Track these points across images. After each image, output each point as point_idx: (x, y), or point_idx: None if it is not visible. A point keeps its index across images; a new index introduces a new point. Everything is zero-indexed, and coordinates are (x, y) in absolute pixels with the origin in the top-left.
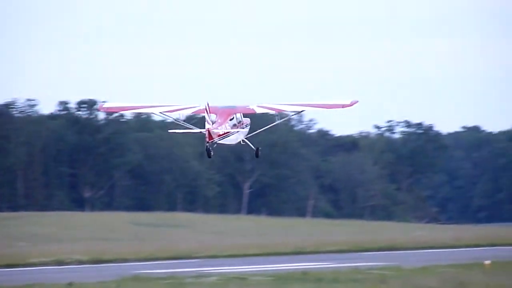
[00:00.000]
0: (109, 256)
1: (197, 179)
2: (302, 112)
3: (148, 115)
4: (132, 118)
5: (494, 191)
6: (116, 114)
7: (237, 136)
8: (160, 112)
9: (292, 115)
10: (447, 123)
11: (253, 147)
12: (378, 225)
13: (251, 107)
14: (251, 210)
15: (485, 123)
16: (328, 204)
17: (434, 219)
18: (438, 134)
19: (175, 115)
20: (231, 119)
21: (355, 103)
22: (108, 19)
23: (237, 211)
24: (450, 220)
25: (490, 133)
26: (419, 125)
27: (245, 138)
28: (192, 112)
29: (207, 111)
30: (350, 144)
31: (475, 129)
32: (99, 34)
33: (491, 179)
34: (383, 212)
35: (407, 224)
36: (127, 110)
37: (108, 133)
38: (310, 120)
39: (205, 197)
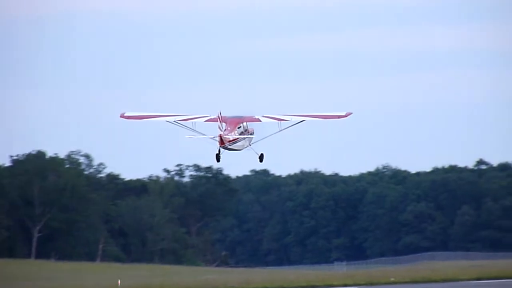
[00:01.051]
0: None
1: None
2: (302, 122)
3: None
4: None
5: (283, 234)
6: None
7: (244, 143)
8: (174, 121)
9: (293, 124)
10: (236, 167)
11: (257, 153)
12: (168, 269)
13: (256, 117)
14: (41, 255)
15: (274, 167)
16: (118, 248)
17: (223, 263)
18: (227, 178)
19: (188, 124)
20: (238, 127)
21: (349, 114)
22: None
23: (27, 255)
24: (240, 263)
25: (279, 176)
26: (208, 169)
27: (251, 145)
28: (205, 121)
29: (219, 119)
30: (139, 188)
31: (264, 173)
32: None
33: (279, 222)
34: (173, 255)
35: (197, 267)
36: (145, 118)
37: None
38: (99, 164)
39: None
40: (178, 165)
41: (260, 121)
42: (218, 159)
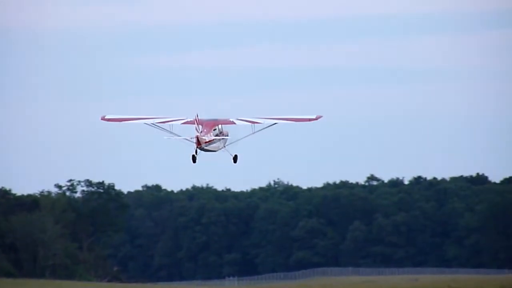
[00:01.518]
0: None
1: None
2: (275, 125)
3: None
4: None
5: (174, 249)
6: None
7: (219, 144)
8: (152, 123)
9: (266, 126)
10: (128, 182)
11: (231, 154)
12: (60, 284)
13: (231, 119)
14: None
15: (165, 182)
16: (9, 263)
17: (115, 278)
18: (119, 193)
19: (166, 126)
20: (214, 129)
21: (320, 117)
22: None
23: None
24: (132, 278)
25: (171, 191)
26: (100, 184)
27: (225, 146)
28: (181, 123)
29: (196, 122)
30: (31, 203)
31: (156, 188)
32: None
33: (171, 237)
34: (65, 271)
35: (89, 283)
36: (126, 121)
37: None
38: None
39: None
40: (69, 180)
41: (235, 123)
42: (194, 160)
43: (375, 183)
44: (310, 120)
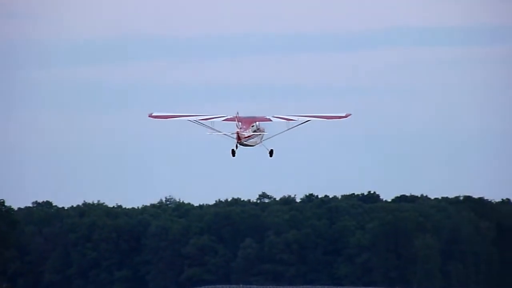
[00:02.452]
0: None
1: None
2: (308, 122)
3: None
4: None
5: (65, 266)
6: None
7: (257, 139)
8: (195, 120)
9: (300, 123)
10: (18, 199)
11: (267, 148)
12: None
13: (268, 117)
14: None
15: (56, 199)
16: None
17: None
18: (9, 209)
19: (207, 123)
20: (252, 126)
21: (349, 115)
22: None
23: None
24: None
25: (62, 208)
26: None
27: (262, 142)
28: (222, 120)
29: (237, 119)
30: None
31: (46, 204)
32: None
33: (61, 254)
34: None
35: None
36: (172, 118)
37: None
38: None
39: None
40: None
41: (271, 120)
42: (233, 154)
43: (266, 200)
44: (340, 117)
